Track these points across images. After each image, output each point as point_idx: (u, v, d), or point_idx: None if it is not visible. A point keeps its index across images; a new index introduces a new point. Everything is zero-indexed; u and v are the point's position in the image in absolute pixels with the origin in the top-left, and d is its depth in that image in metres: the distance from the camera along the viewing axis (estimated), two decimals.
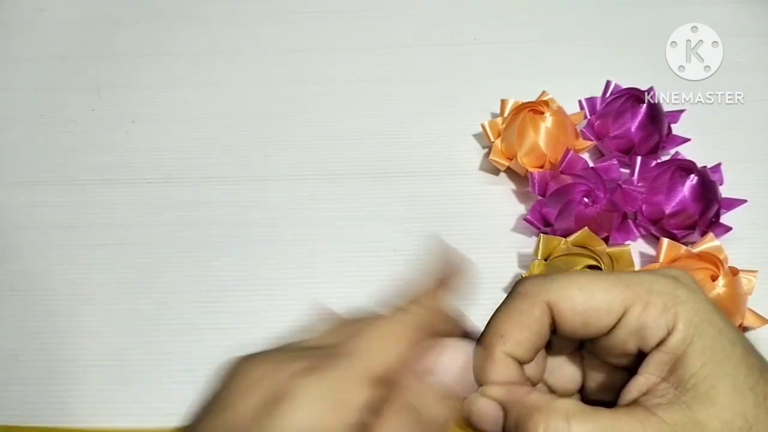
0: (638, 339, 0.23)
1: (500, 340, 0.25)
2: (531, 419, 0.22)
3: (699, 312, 0.23)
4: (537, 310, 0.24)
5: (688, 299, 0.23)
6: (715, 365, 0.22)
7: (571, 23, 0.62)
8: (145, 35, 0.62)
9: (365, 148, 0.53)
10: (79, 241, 0.47)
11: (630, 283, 0.23)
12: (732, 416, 0.21)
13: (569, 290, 0.24)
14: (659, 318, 0.23)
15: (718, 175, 0.47)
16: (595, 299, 0.23)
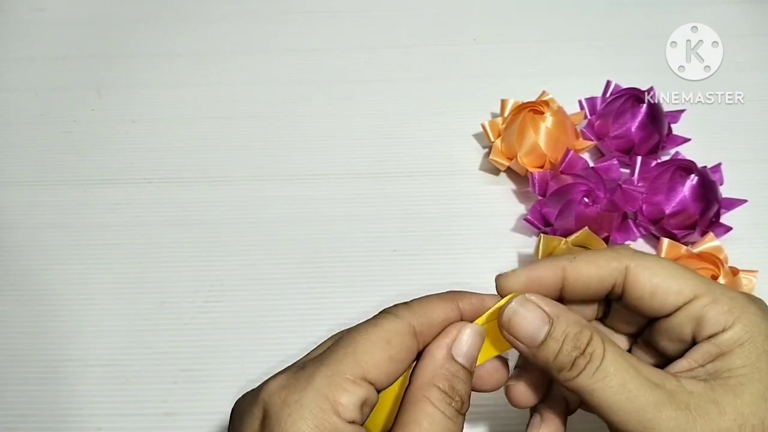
0: (695, 326, 0.24)
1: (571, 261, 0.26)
2: (586, 335, 0.24)
3: (759, 326, 0.24)
4: (615, 262, 0.25)
5: (755, 313, 0.24)
6: (754, 370, 0.23)
7: (571, 23, 0.62)
8: (145, 35, 0.62)
9: (365, 148, 0.53)
10: (79, 241, 0.47)
11: (708, 283, 0.25)
12: (750, 413, 0.22)
13: (652, 262, 0.25)
14: (721, 315, 0.24)
15: (718, 175, 0.47)
16: (672, 280, 0.25)
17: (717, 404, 0.22)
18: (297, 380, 0.22)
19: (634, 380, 0.23)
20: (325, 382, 0.22)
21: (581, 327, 0.24)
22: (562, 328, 0.24)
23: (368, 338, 0.24)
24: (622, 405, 0.23)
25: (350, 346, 0.23)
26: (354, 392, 0.22)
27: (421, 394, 0.24)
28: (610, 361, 0.23)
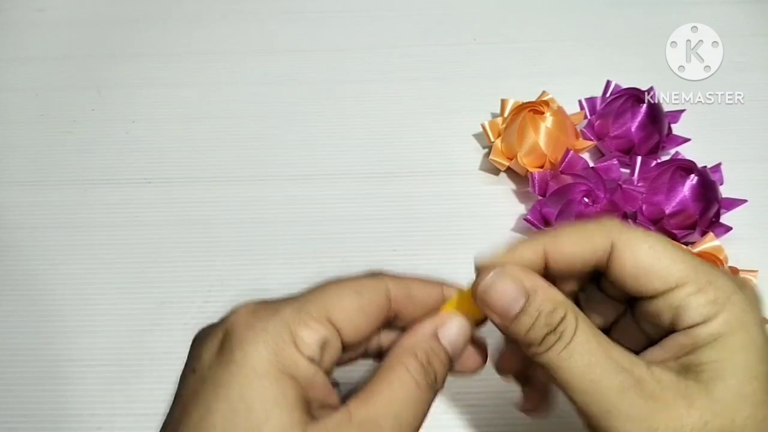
0: (674, 315, 0.23)
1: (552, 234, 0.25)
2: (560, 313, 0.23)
3: (743, 320, 0.23)
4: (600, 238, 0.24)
5: (740, 302, 0.23)
6: (729, 365, 0.22)
7: (571, 23, 0.62)
8: (145, 35, 0.62)
9: (365, 148, 0.53)
10: (78, 241, 0.47)
11: (696, 268, 0.23)
12: (720, 411, 0.22)
13: (639, 240, 0.24)
14: (703, 306, 0.23)
15: (718, 175, 0.47)
16: (658, 263, 0.24)
17: (685, 398, 0.22)
18: (265, 309, 0.23)
19: (600, 362, 0.23)
20: (292, 315, 0.22)
21: (556, 304, 0.24)
22: (537, 305, 0.24)
23: (340, 285, 0.24)
24: (586, 386, 0.22)
25: (322, 289, 0.24)
26: (316, 330, 0.22)
27: (398, 360, 0.24)
28: (580, 341, 0.23)
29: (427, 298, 0.26)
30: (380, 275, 0.26)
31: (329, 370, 0.23)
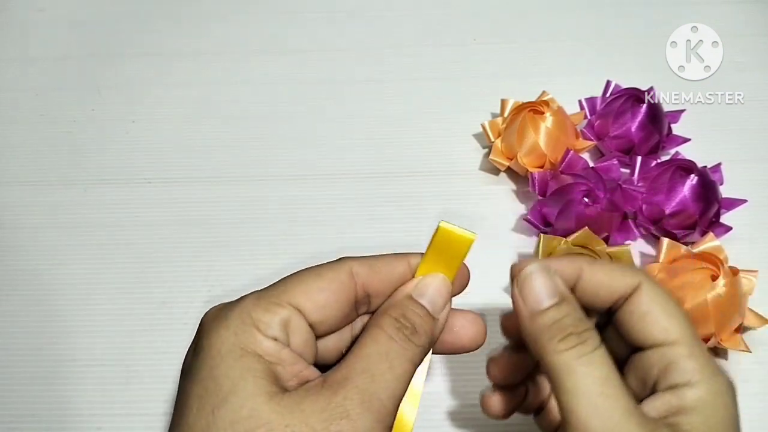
0: (664, 370, 0.24)
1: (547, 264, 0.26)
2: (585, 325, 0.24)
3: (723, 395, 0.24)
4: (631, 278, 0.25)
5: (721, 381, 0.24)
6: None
7: (571, 23, 0.62)
8: (145, 35, 0.62)
9: (365, 148, 0.53)
10: (79, 241, 0.47)
11: (692, 332, 0.25)
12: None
13: (659, 290, 0.25)
14: (691, 369, 0.23)
15: (718, 175, 0.47)
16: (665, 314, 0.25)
17: None
18: (230, 303, 0.24)
19: (614, 381, 0.22)
20: (252, 303, 0.23)
21: (583, 318, 0.24)
22: (567, 308, 0.24)
23: (302, 271, 0.25)
24: (595, 400, 0.22)
25: (284, 278, 0.25)
26: (276, 312, 0.23)
27: (372, 323, 0.24)
28: (601, 354, 0.23)
29: (393, 271, 0.26)
30: (343, 258, 0.26)
31: (304, 350, 0.24)
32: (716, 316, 0.38)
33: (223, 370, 0.21)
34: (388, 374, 0.22)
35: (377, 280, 0.25)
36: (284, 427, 0.20)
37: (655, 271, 0.42)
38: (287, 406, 0.21)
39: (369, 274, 0.25)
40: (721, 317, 0.39)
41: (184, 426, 0.21)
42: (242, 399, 0.21)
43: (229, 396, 0.21)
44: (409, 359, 0.23)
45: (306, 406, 0.21)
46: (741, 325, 0.40)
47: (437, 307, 0.25)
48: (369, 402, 0.21)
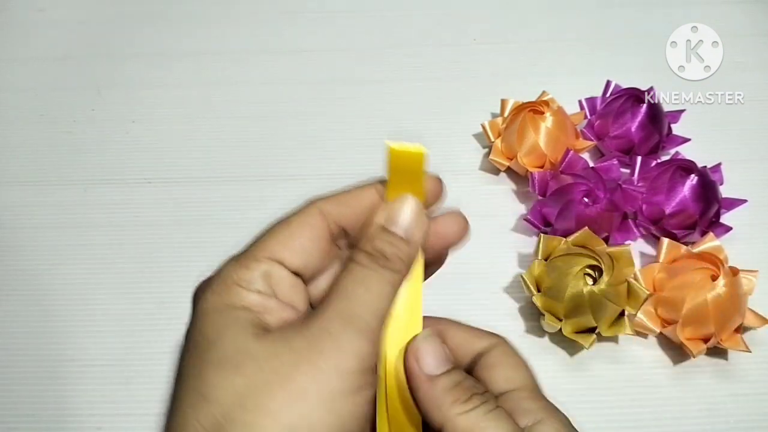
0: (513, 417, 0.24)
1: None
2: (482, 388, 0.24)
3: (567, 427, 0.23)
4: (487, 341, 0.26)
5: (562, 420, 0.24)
6: None
7: (571, 23, 0.62)
8: (145, 35, 0.62)
9: (365, 147, 0.53)
10: (78, 241, 0.47)
11: (533, 379, 0.25)
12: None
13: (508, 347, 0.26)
14: (536, 410, 0.24)
15: (718, 175, 0.47)
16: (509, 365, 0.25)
17: None
18: (213, 273, 0.25)
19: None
20: (231, 265, 0.24)
21: (477, 382, 0.24)
22: (460, 373, 0.24)
23: (273, 225, 0.25)
24: None
25: (258, 236, 0.25)
26: (255, 268, 0.24)
27: (348, 259, 0.24)
28: (503, 412, 0.23)
29: (363, 202, 0.26)
30: (310, 200, 0.26)
31: (293, 298, 0.24)
32: (716, 316, 0.38)
33: (209, 325, 0.22)
34: (365, 295, 0.23)
35: (349, 214, 0.26)
36: (269, 354, 0.21)
37: (655, 271, 0.42)
38: (273, 340, 0.22)
39: (339, 209, 0.26)
40: (721, 317, 0.39)
41: (177, 378, 0.22)
42: (229, 340, 0.22)
43: (216, 340, 0.22)
44: (387, 282, 0.23)
45: (289, 335, 0.22)
46: (741, 325, 0.40)
47: (409, 230, 0.25)
48: (348, 319, 0.22)
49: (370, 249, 0.24)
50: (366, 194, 0.26)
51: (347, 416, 0.21)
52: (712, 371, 0.40)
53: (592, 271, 0.40)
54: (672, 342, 0.41)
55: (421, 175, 0.26)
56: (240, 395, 0.21)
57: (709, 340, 0.39)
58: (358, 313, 0.22)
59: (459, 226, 0.28)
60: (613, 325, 0.40)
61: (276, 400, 0.20)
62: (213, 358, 0.22)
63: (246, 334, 0.22)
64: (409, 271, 0.25)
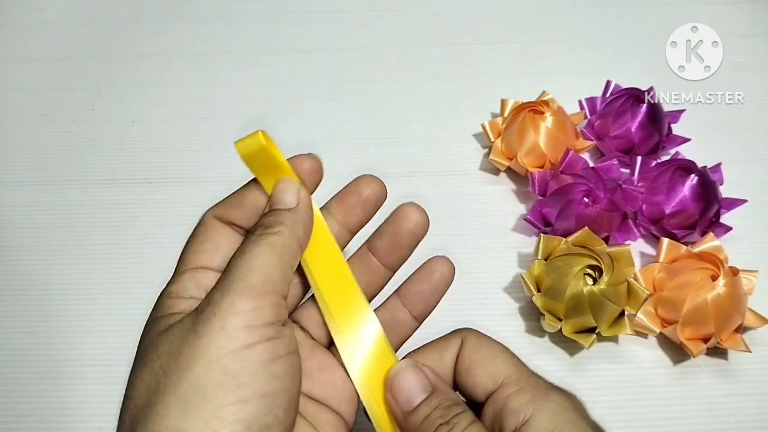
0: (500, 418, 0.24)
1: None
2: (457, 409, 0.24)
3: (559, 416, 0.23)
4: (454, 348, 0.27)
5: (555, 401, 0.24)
6: None
7: (571, 23, 0.62)
8: (145, 35, 0.62)
9: (365, 147, 0.53)
10: (78, 240, 0.47)
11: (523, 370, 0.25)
12: None
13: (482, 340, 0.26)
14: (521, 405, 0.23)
15: (718, 175, 0.47)
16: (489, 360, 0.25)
17: None
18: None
19: None
20: (166, 285, 0.27)
21: (455, 402, 0.25)
22: (438, 399, 0.24)
23: (184, 246, 0.28)
24: None
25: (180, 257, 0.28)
26: (180, 280, 0.26)
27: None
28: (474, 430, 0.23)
29: (247, 198, 0.28)
30: (205, 213, 0.28)
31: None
32: (716, 316, 0.38)
33: (145, 336, 0.25)
34: (240, 260, 0.24)
35: (239, 212, 0.27)
36: (166, 341, 0.23)
37: (655, 271, 0.42)
38: (172, 330, 0.23)
39: (235, 212, 0.27)
40: (721, 317, 0.39)
41: None
42: (147, 341, 0.24)
43: (140, 345, 0.25)
44: (266, 243, 0.24)
45: (185, 319, 0.23)
46: (741, 325, 0.40)
47: (285, 201, 0.27)
48: (227, 286, 0.23)
49: (253, 228, 0.26)
50: (249, 192, 0.28)
51: (242, 372, 0.22)
52: (712, 371, 0.40)
53: (592, 271, 0.40)
54: (672, 342, 0.41)
55: (277, 158, 0.27)
56: (147, 388, 0.23)
57: (709, 340, 0.39)
58: (236, 277, 0.23)
59: (419, 215, 0.30)
60: (613, 325, 0.40)
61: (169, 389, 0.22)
62: (135, 361, 0.24)
63: (157, 332, 0.24)
64: (296, 231, 0.26)
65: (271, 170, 0.27)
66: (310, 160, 0.28)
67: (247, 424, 0.21)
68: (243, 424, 0.21)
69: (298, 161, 0.28)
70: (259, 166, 0.27)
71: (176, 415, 0.21)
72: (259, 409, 0.22)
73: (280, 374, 0.23)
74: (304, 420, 0.26)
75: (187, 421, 0.21)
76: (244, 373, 0.22)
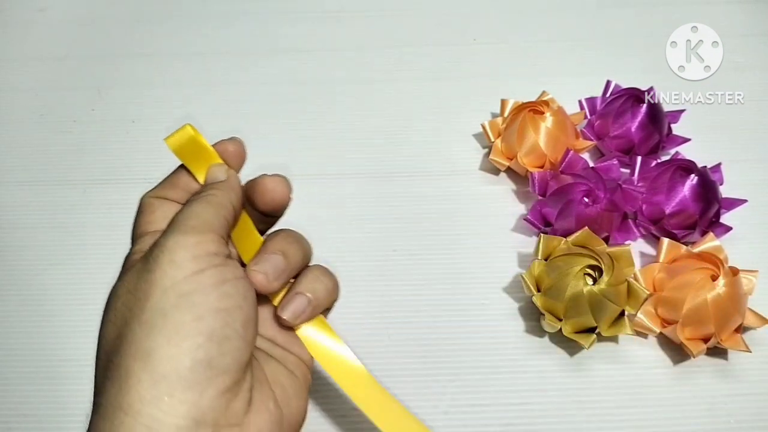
0: None
1: None
2: None
3: None
4: None
5: None
6: None
7: (571, 23, 0.62)
8: (145, 35, 0.62)
9: (365, 148, 0.53)
10: (78, 240, 0.47)
11: None
12: None
13: None
14: None
15: (718, 175, 0.47)
16: None
17: None
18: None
19: None
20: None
21: None
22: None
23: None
24: None
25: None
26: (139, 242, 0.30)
27: None
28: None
29: (180, 180, 0.31)
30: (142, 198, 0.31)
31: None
32: (716, 316, 0.38)
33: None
34: (179, 213, 0.27)
35: (179, 192, 0.31)
36: (122, 284, 0.26)
37: (655, 271, 0.42)
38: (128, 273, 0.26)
39: (170, 193, 0.31)
40: (721, 317, 0.39)
41: None
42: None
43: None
44: (206, 201, 0.27)
45: (138, 261, 0.27)
46: (741, 325, 0.40)
47: (217, 177, 0.30)
48: (170, 228, 0.26)
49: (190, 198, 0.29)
50: (179, 175, 0.32)
51: (195, 293, 0.24)
52: (712, 371, 0.40)
53: (592, 271, 0.40)
54: (672, 342, 0.41)
55: (204, 146, 0.32)
56: (115, 325, 0.27)
57: (709, 340, 0.39)
58: (178, 222, 0.26)
59: (283, 186, 0.31)
60: (613, 325, 0.40)
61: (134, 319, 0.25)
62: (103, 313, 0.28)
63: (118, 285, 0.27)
64: (229, 195, 0.29)
65: (200, 157, 0.31)
66: (234, 144, 0.32)
67: (207, 336, 0.24)
68: (202, 336, 0.24)
69: (223, 146, 0.32)
70: (189, 157, 0.31)
71: (143, 338, 0.24)
72: (215, 322, 0.24)
73: (231, 293, 0.25)
74: (273, 359, 0.29)
75: (153, 340, 0.23)
76: (196, 293, 0.24)
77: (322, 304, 0.30)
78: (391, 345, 0.41)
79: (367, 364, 0.42)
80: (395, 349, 0.41)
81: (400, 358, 0.41)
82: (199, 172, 0.31)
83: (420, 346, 0.41)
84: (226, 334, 0.24)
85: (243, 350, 0.25)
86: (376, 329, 0.42)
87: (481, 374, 0.40)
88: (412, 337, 0.42)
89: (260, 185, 0.30)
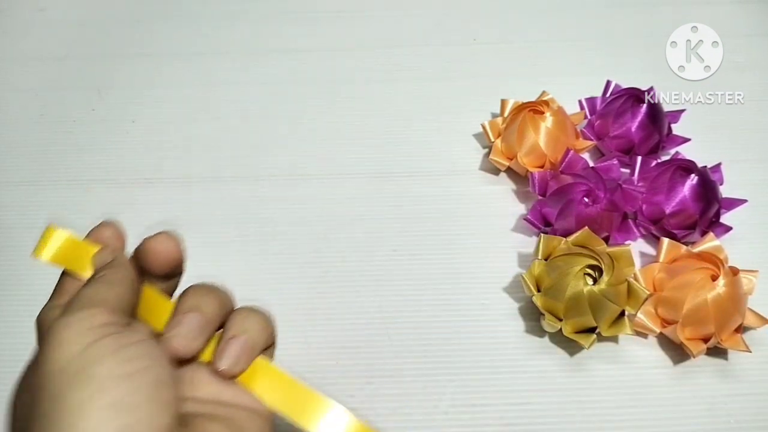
0: None
1: None
2: None
3: None
4: None
5: None
6: None
7: (571, 23, 0.62)
8: (145, 35, 0.62)
9: (365, 148, 0.53)
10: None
11: None
12: None
13: None
14: None
15: (718, 175, 0.47)
16: None
17: None
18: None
19: None
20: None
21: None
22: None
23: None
24: None
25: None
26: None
27: None
28: None
29: (74, 283, 0.29)
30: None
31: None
32: (716, 316, 0.38)
33: None
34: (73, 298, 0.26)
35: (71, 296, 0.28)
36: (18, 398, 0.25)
37: (655, 271, 0.42)
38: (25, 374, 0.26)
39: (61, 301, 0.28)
40: (721, 317, 0.39)
41: None
42: None
43: None
44: (97, 282, 0.27)
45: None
46: (741, 325, 0.40)
47: (102, 262, 0.29)
48: (72, 303, 0.25)
49: None
50: (65, 281, 0.30)
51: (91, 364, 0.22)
52: (712, 371, 0.40)
53: (592, 271, 0.40)
54: (672, 342, 0.41)
55: (73, 239, 0.31)
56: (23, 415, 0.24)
57: (709, 340, 0.39)
58: (71, 304, 0.25)
59: (169, 244, 0.30)
60: (613, 325, 0.40)
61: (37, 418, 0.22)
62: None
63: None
64: (119, 271, 0.28)
65: (78, 255, 0.30)
66: (109, 228, 0.31)
67: (113, 407, 0.22)
68: (108, 409, 0.22)
69: (98, 234, 0.30)
70: (68, 259, 0.30)
71: (48, 429, 0.22)
72: (119, 390, 0.22)
73: (133, 356, 0.23)
74: (216, 421, 0.26)
75: (58, 430, 0.21)
76: (93, 365, 0.22)
77: (259, 343, 0.28)
78: (391, 345, 0.41)
79: (368, 364, 0.42)
80: (395, 349, 0.41)
81: (400, 358, 0.41)
82: (84, 270, 0.29)
83: (420, 346, 0.41)
84: (135, 401, 0.22)
85: (158, 415, 0.23)
86: (376, 329, 0.42)
87: (481, 374, 0.40)
88: (412, 337, 0.42)
89: (146, 249, 0.29)
